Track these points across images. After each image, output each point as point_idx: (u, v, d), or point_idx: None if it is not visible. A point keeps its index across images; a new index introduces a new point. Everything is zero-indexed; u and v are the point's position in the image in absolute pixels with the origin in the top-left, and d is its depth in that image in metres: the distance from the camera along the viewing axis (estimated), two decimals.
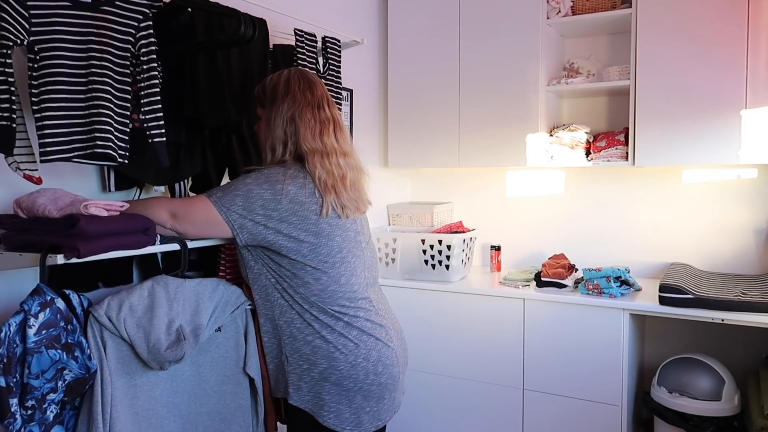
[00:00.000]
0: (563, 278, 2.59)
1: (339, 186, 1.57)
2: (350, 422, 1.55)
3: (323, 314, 1.57)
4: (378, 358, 1.59)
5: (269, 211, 1.52)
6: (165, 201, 1.57)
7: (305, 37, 2.15)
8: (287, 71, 1.67)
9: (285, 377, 1.61)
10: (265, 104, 1.65)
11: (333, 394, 1.55)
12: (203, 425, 1.62)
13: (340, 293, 1.58)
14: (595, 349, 2.45)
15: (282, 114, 1.58)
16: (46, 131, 1.37)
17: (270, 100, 1.62)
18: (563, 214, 3.08)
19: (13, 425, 1.23)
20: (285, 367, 1.60)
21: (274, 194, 1.52)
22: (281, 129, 1.58)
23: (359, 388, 1.56)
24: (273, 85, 1.64)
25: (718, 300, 2.21)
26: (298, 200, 1.53)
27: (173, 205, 1.55)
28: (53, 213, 1.35)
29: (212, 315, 1.59)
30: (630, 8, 2.59)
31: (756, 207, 2.67)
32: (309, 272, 1.56)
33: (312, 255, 1.56)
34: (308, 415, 1.57)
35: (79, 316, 1.41)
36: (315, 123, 1.58)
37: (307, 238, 1.55)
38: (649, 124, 2.55)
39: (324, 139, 1.57)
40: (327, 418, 1.55)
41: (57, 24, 1.38)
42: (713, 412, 2.32)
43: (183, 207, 1.54)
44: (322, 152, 1.56)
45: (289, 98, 1.59)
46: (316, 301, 1.57)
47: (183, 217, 1.53)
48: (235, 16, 1.56)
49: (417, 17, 3.05)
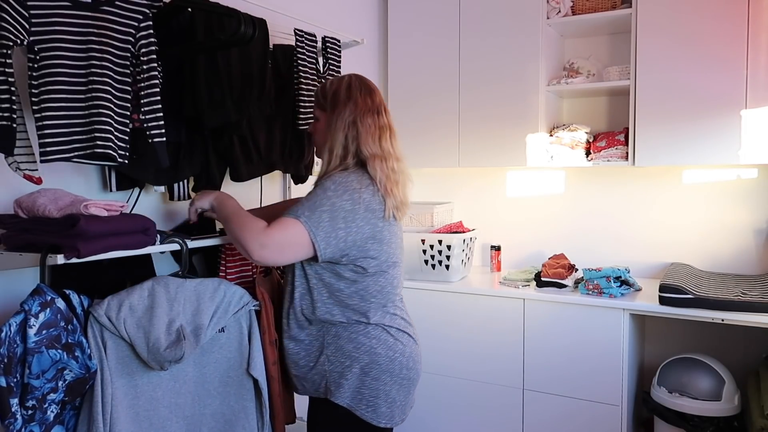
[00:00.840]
0: (563, 278, 2.59)
1: (396, 189, 1.62)
2: (384, 416, 1.61)
3: (371, 313, 1.61)
4: (410, 354, 1.66)
5: (349, 223, 1.53)
6: (257, 232, 1.51)
7: (305, 37, 2.15)
8: (347, 77, 1.69)
9: (325, 376, 1.62)
10: (326, 107, 1.67)
11: (372, 388, 1.59)
12: (207, 426, 1.62)
13: (391, 294, 1.66)
14: (595, 349, 2.45)
15: (344, 118, 1.61)
16: (46, 131, 1.37)
17: (331, 104, 1.64)
18: (563, 214, 3.08)
19: (14, 425, 1.23)
20: (325, 366, 1.62)
21: (353, 204, 1.54)
22: (342, 133, 1.61)
23: (394, 382, 1.62)
24: (334, 90, 1.66)
25: (718, 300, 2.21)
26: (372, 208, 1.57)
27: (264, 238, 1.50)
28: (53, 213, 1.35)
29: (214, 315, 1.59)
30: (630, 8, 2.59)
31: (756, 207, 2.67)
32: (369, 277, 1.60)
33: (376, 262, 1.60)
34: (347, 410, 1.60)
35: (79, 316, 1.41)
36: (375, 128, 1.62)
37: (374, 245, 1.59)
38: (649, 124, 2.55)
39: (383, 144, 1.62)
40: (365, 412, 1.59)
41: (57, 24, 1.38)
42: (713, 412, 2.32)
43: (275, 237, 1.51)
44: (381, 157, 1.61)
45: (351, 103, 1.62)
46: (369, 301, 1.61)
47: (274, 246, 1.51)
48: (235, 16, 1.56)
49: (417, 17, 3.05)
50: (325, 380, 1.62)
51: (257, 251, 1.50)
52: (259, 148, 2.05)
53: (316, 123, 1.71)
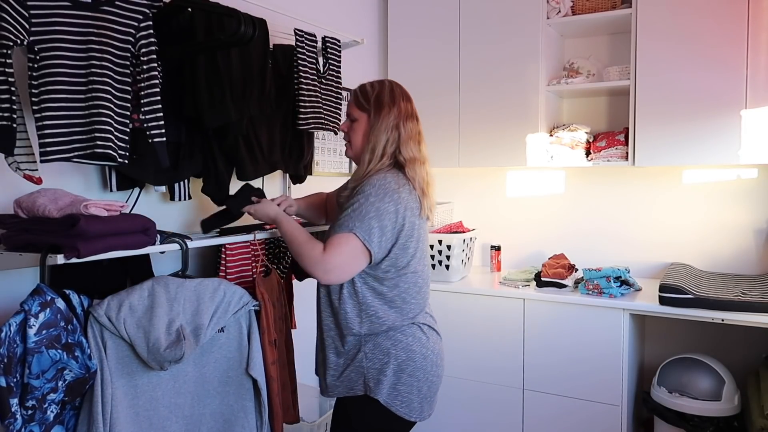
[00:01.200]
0: (563, 278, 2.59)
1: (429, 191, 1.71)
2: (416, 411, 1.66)
3: (406, 307, 1.66)
4: (439, 351, 1.73)
5: (394, 224, 1.60)
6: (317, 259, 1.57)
7: (305, 37, 2.15)
8: (388, 82, 1.74)
9: (363, 373, 1.64)
10: (366, 109, 1.69)
11: (407, 384, 1.63)
12: (206, 426, 1.62)
13: (425, 293, 1.72)
14: (595, 349, 2.45)
15: (388, 122, 1.66)
16: (46, 131, 1.37)
17: (375, 107, 1.68)
18: (563, 214, 3.08)
19: (14, 425, 1.23)
20: (363, 363, 1.64)
21: (395, 205, 1.59)
22: (385, 135, 1.66)
23: (426, 378, 1.67)
24: (377, 93, 1.69)
25: (718, 300, 2.21)
26: (411, 206, 1.64)
27: (325, 264, 1.56)
28: (53, 213, 1.35)
29: (214, 315, 1.59)
30: (630, 8, 2.59)
31: (756, 207, 2.67)
32: (408, 276, 1.65)
33: (414, 260, 1.66)
34: (383, 407, 1.63)
35: (79, 316, 1.41)
36: (414, 134, 1.70)
37: (412, 244, 1.65)
38: (649, 124, 2.55)
39: (421, 149, 1.71)
40: (399, 407, 1.63)
41: (57, 24, 1.38)
42: (713, 412, 2.32)
43: (335, 260, 1.56)
44: (420, 161, 1.68)
45: (395, 108, 1.67)
46: (406, 297, 1.65)
47: (337, 269, 1.57)
48: (235, 16, 1.56)
49: (417, 17, 3.05)
50: (363, 377, 1.64)
51: (323, 277, 1.59)
52: (262, 148, 2.05)
53: (354, 123, 1.72)
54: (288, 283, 2.19)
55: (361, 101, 1.71)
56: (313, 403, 2.52)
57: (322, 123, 2.19)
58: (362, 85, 1.74)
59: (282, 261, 2.15)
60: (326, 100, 2.25)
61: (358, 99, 1.72)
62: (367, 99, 1.70)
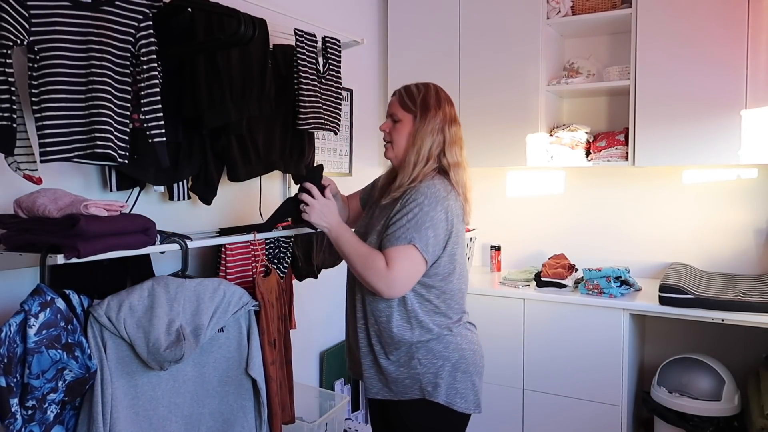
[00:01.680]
0: (563, 278, 2.59)
1: (469, 197, 1.72)
2: (473, 403, 1.68)
3: (451, 312, 1.67)
4: (479, 344, 1.75)
5: (445, 232, 1.60)
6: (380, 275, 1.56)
7: (305, 37, 2.15)
8: (432, 85, 1.72)
9: (418, 379, 1.63)
10: (412, 110, 1.68)
11: (462, 381, 1.65)
12: (206, 426, 1.62)
13: (465, 294, 1.73)
14: (595, 349, 2.45)
15: (434, 124, 1.65)
16: (46, 131, 1.37)
17: (421, 109, 1.67)
18: (563, 214, 3.08)
19: (14, 425, 1.23)
20: (417, 370, 1.63)
21: (445, 213, 1.60)
22: (431, 138, 1.65)
23: (476, 372, 1.70)
24: (423, 95, 1.68)
25: (718, 300, 2.21)
26: (457, 213, 1.64)
27: (388, 279, 1.55)
28: (53, 213, 1.35)
29: (213, 315, 1.59)
30: (630, 8, 2.59)
31: (756, 207, 2.67)
32: (453, 283, 1.66)
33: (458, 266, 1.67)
34: (443, 407, 1.64)
35: (79, 316, 1.41)
36: (457, 138, 1.70)
37: (458, 250, 1.67)
38: (649, 124, 2.55)
39: (462, 154, 1.71)
40: (460, 404, 1.65)
41: (57, 24, 1.38)
42: (713, 412, 2.32)
43: (398, 275, 1.56)
44: (462, 166, 1.69)
45: (440, 111, 1.67)
46: (451, 302, 1.66)
47: (399, 283, 1.56)
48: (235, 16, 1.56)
49: (417, 17, 3.05)
50: (419, 383, 1.63)
51: (387, 292, 1.57)
52: (257, 148, 2.05)
53: (397, 124, 1.69)
54: (288, 283, 2.19)
55: (406, 102, 1.69)
56: (312, 403, 2.52)
57: (322, 123, 2.19)
58: (407, 87, 1.72)
59: (282, 261, 2.15)
60: (326, 100, 2.25)
61: (403, 100, 1.70)
62: (413, 100, 1.68)
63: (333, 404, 2.46)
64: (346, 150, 2.94)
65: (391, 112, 1.71)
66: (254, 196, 2.28)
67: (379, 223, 1.65)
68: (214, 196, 1.96)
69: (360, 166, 3.07)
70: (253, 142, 2.03)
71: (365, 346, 1.68)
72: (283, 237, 2.13)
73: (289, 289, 2.21)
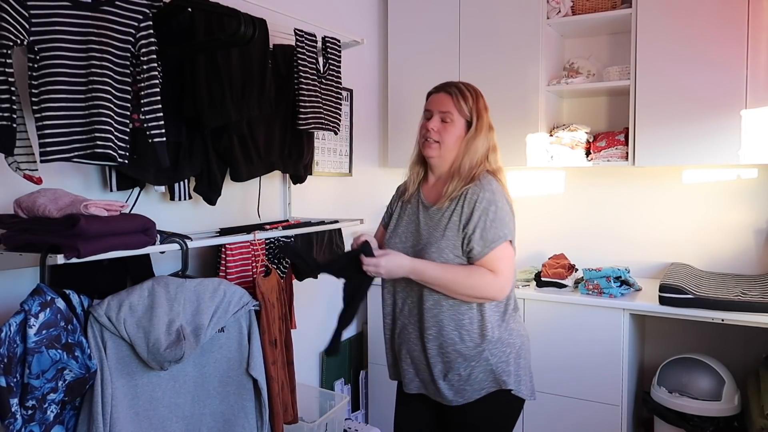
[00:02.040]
0: (563, 278, 2.59)
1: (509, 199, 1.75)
2: (531, 390, 1.72)
3: (511, 301, 1.70)
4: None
5: (514, 221, 1.66)
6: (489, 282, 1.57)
7: (305, 37, 2.15)
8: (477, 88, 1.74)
9: (492, 370, 1.63)
10: (467, 115, 1.69)
11: (523, 367, 1.69)
12: (206, 426, 1.63)
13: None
14: (595, 349, 2.45)
15: (486, 128, 1.70)
16: (46, 131, 1.37)
17: (476, 113, 1.69)
18: (563, 214, 3.08)
19: (14, 425, 1.23)
20: (490, 360, 1.64)
21: (509, 205, 1.66)
22: (483, 141, 1.69)
23: (530, 356, 1.75)
24: (475, 100, 1.70)
25: (718, 300, 2.21)
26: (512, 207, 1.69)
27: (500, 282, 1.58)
28: (53, 213, 1.35)
29: (214, 315, 1.59)
30: (630, 8, 2.59)
31: (756, 207, 2.67)
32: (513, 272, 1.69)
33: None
34: (512, 395, 1.66)
35: (79, 315, 1.41)
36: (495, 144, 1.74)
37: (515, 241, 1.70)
38: (649, 124, 2.55)
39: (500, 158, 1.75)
40: (524, 390, 1.68)
41: (57, 24, 1.38)
42: (713, 412, 2.32)
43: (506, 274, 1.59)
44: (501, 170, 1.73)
45: (487, 116, 1.71)
46: (509, 295, 1.69)
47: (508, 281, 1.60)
48: (235, 16, 1.56)
49: (417, 17, 3.05)
50: (492, 374, 1.64)
51: (500, 295, 1.60)
52: (258, 148, 2.05)
53: (448, 124, 1.68)
54: (288, 283, 2.19)
55: (462, 105, 1.68)
56: (313, 403, 2.52)
57: (322, 123, 2.19)
58: (458, 86, 1.71)
59: (282, 261, 2.15)
60: (326, 100, 2.25)
61: (459, 102, 1.68)
62: (468, 105, 1.69)
63: (333, 404, 2.46)
64: (346, 150, 2.94)
65: (444, 110, 1.68)
66: (254, 196, 2.29)
67: (438, 230, 1.62)
68: (218, 196, 1.96)
69: (360, 166, 3.08)
70: (254, 142, 2.03)
71: (435, 356, 1.63)
72: (283, 237, 2.14)
73: (289, 289, 2.21)
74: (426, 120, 1.71)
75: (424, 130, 1.71)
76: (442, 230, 1.62)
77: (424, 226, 1.67)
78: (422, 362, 1.67)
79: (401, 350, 1.71)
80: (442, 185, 1.70)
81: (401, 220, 1.76)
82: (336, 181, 2.90)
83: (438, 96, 1.71)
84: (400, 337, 1.71)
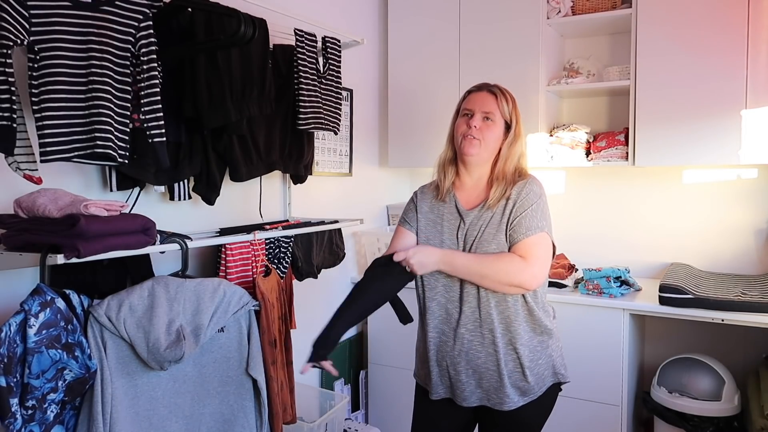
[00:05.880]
0: (563, 278, 2.59)
1: None
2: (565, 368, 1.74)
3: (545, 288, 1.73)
4: None
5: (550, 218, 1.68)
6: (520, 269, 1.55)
7: (305, 37, 2.15)
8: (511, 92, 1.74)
9: (552, 362, 1.68)
10: (507, 116, 1.69)
11: (556, 349, 1.71)
12: (206, 426, 1.63)
13: None
14: (595, 349, 2.45)
15: (521, 131, 1.72)
16: (46, 131, 1.37)
17: (516, 117, 1.70)
18: (563, 214, 3.07)
19: (14, 425, 1.23)
20: (552, 355, 1.69)
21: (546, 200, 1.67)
22: (521, 146, 1.72)
23: None
24: (514, 102, 1.72)
25: (718, 300, 2.21)
26: None
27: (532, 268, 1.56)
28: (53, 213, 1.35)
29: (214, 315, 1.59)
30: (630, 8, 2.59)
31: (756, 207, 2.67)
32: None
33: None
34: (560, 384, 1.72)
35: (79, 315, 1.41)
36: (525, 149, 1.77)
37: None
38: (649, 124, 2.55)
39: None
40: (564, 375, 1.72)
41: (57, 24, 1.38)
42: (713, 412, 2.32)
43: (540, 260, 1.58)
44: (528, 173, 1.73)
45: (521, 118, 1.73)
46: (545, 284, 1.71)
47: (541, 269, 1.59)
48: (235, 16, 1.56)
49: (417, 17, 3.05)
50: (553, 368, 1.68)
51: (532, 282, 1.57)
52: (258, 148, 2.05)
53: (492, 123, 1.67)
54: (288, 283, 2.19)
55: (503, 105, 1.68)
56: (312, 403, 2.52)
57: (322, 123, 2.19)
58: (499, 87, 1.72)
59: (282, 261, 2.15)
60: (326, 100, 2.25)
61: (500, 102, 1.68)
62: (507, 103, 1.69)
63: (333, 404, 2.46)
64: (346, 150, 2.94)
65: (487, 110, 1.66)
66: (254, 196, 2.29)
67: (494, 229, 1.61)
68: (217, 196, 1.96)
69: (360, 166, 3.08)
70: (254, 142, 2.03)
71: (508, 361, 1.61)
72: (283, 237, 2.14)
73: (289, 289, 2.21)
74: (466, 118, 1.68)
75: (464, 128, 1.67)
76: (494, 230, 1.61)
77: (479, 230, 1.63)
78: (489, 368, 1.62)
79: (457, 363, 1.63)
80: (483, 189, 1.69)
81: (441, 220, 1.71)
82: (336, 181, 2.90)
83: (481, 95, 1.70)
84: (456, 348, 1.63)
